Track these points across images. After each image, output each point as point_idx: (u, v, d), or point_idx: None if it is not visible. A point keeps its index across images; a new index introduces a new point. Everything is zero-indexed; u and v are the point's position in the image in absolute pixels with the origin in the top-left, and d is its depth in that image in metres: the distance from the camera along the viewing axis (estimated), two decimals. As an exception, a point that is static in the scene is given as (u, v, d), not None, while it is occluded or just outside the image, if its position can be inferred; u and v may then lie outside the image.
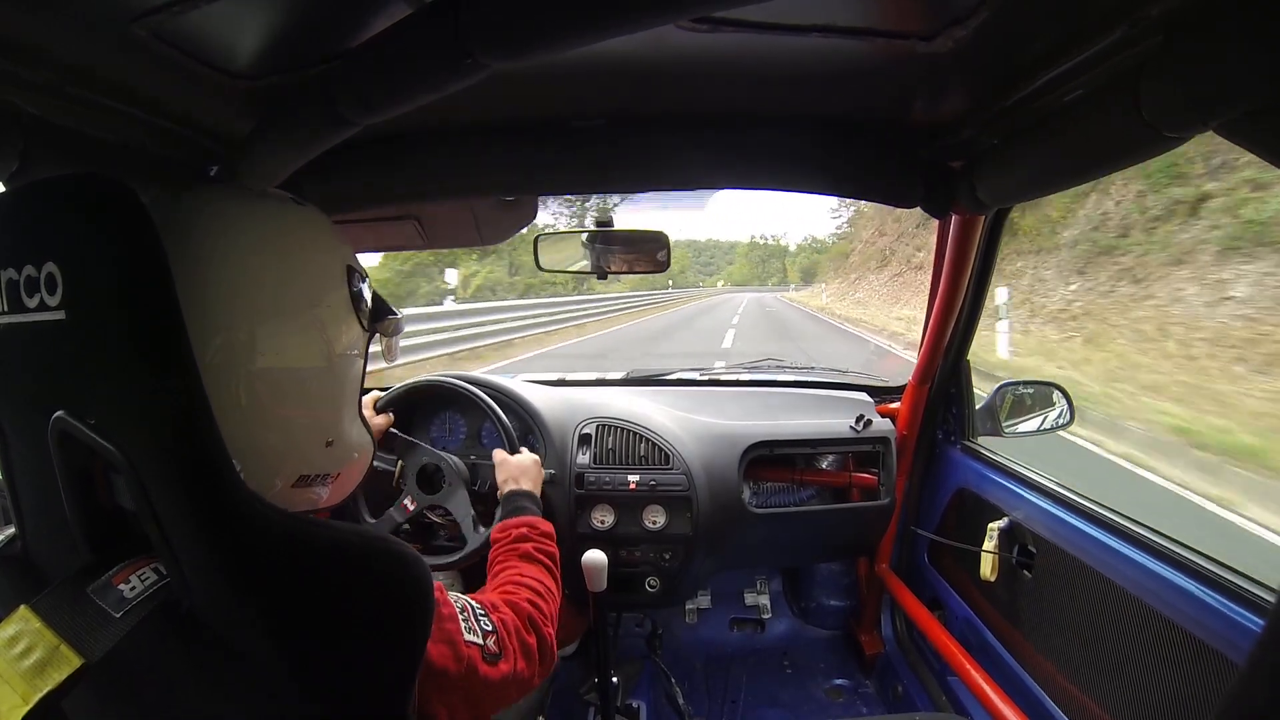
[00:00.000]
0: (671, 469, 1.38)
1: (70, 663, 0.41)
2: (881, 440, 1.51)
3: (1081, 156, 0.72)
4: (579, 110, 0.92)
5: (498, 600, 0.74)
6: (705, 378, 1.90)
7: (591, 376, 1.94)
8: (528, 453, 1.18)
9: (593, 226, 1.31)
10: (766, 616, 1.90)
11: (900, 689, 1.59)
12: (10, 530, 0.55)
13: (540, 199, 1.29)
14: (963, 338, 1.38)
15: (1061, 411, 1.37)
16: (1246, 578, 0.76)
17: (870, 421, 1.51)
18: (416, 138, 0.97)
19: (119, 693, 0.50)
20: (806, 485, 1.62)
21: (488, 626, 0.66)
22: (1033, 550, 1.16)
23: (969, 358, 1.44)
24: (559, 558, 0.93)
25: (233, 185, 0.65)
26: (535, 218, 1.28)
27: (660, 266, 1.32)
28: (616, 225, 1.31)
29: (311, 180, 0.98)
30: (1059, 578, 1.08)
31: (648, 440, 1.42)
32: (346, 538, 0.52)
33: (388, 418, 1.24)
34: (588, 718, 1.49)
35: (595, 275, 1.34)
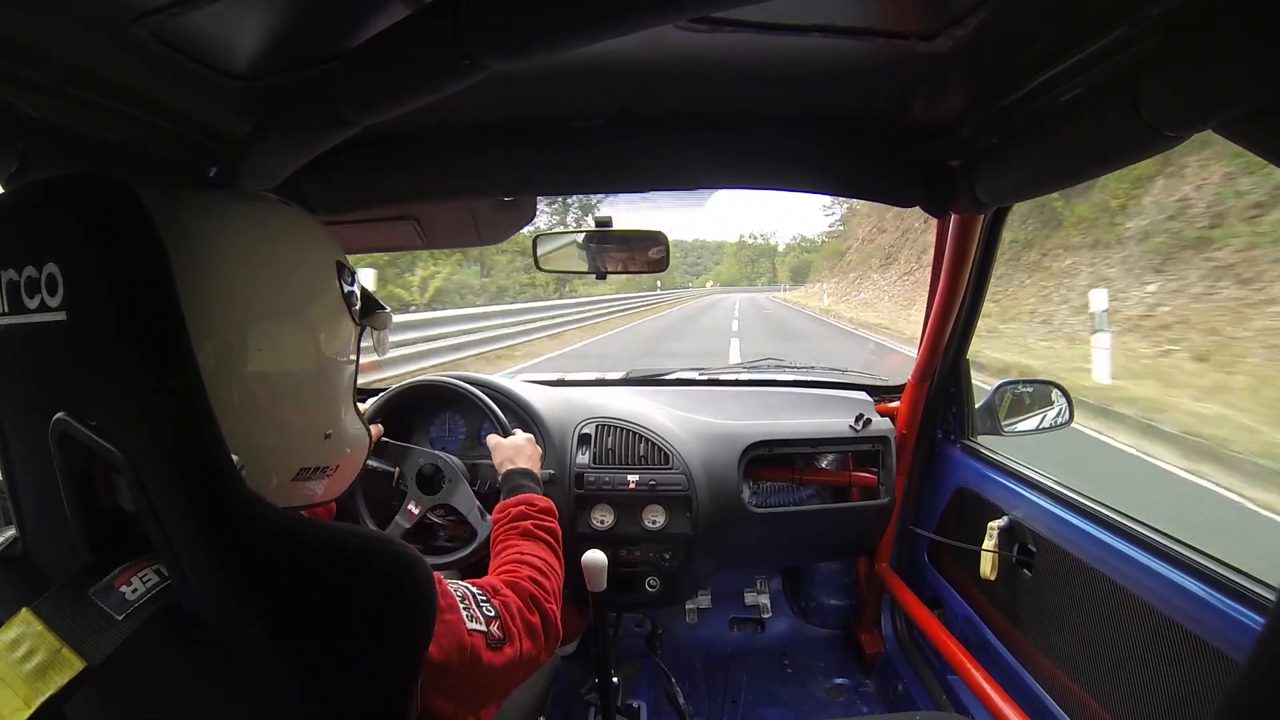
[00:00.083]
0: (671, 469, 1.38)
1: (72, 666, 0.41)
2: (881, 439, 1.51)
3: (1080, 155, 0.72)
4: (578, 110, 0.92)
5: (498, 583, 0.73)
6: (704, 377, 1.90)
7: (591, 376, 1.95)
8: (521, 433, 1.17)
9: (591, 226, 1.32)
10: (766, 616, 1.90)
11: (900, 688, 1.59)
12: (11, 532, 0.55)
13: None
14: (962, 336, 1.38)
15: (1061, 410, 1.37)
16: (1247, 576, 0.76)
17: (870, 421, 1.51)
18: (416, 138, 0.97)
19: (120, 695, 0.50)
20: (806, 485, 1.62)
21: (490, 612, 0.66)
22: (1033, 549, 1.16)
23: (968, 357, 1.44)
24: (560, 534, 0.91)
25: (226, 189, 0.65)
26: (534, 218, 1.29)
27: (658, 266, 1.32)
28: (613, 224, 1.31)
29: (311, 180, 0.98)
30: (1059, 576, 1.08)
31: (647, 440, 1.42)
32: (346, 538, 0.52)
33: (378, 428, 1.22)
34: (588, 718, 1.49)
35: (594, 275, 1.34)
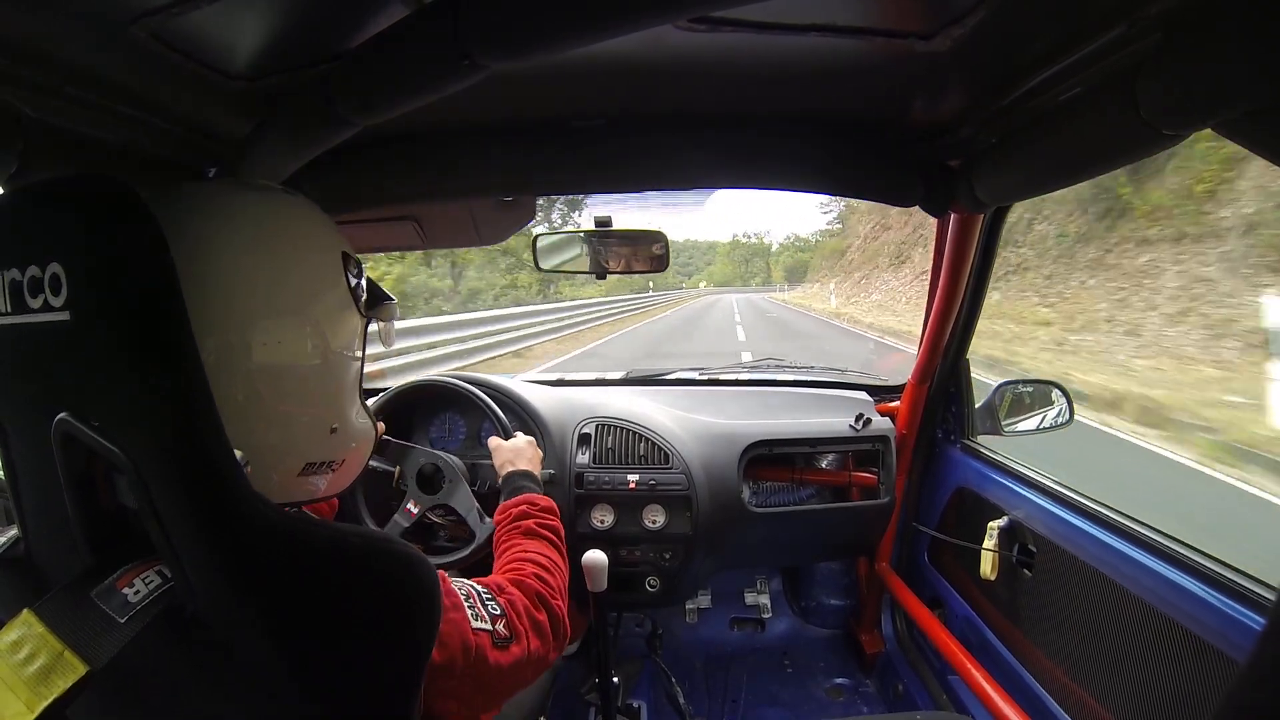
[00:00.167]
0: (671, 468, 1.38)
1: (75, 670, 0.41)
2: (881, 439, 1.51)
3: (1080, 155, 0.72)
4: (578, 110, 0.92)
5: (503, 581, 0.73)
6: (704, 377, 1.90)
7: (591, 376, 1.95)
8: (522, 435, 1.17)
9: (588, 225, 1.32)
10: (767, 616, 1.90)
11: (901, 688, 1.59)
12: (13, 532, 0.54)
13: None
14: (962, 336, 1.38)
15: (1061, 410, 1.37)
16: (1247, 576, 0.76)
17: (870, 420, 1.51)
18: (416, 138, 0.97)
19: (123, 697, 0.50)
20: (806, 484, 1.62)
21: (495, 610, 0.65)
22: (1033, 549, 1.16)
23: (968, 355, 1.44)
24: (563, 532, 0.91)
25: (228, 180, 0.65)
26: (534, 218, 1.29)
27: (659, 264, 1.32)
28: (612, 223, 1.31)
29: (311, 180, 0.98)
30: (1059, 576, 1.08)
31: (647, 440, 1.42)
32: (347, 538, 0.52)
33: (379, 426, 1.22)
34: (589, 718, 1.49)
35: (595, 275, 1.34)
